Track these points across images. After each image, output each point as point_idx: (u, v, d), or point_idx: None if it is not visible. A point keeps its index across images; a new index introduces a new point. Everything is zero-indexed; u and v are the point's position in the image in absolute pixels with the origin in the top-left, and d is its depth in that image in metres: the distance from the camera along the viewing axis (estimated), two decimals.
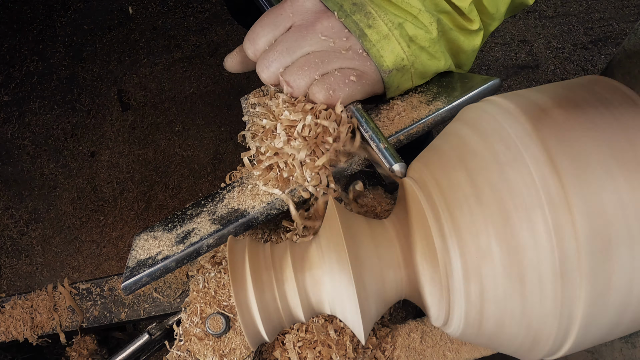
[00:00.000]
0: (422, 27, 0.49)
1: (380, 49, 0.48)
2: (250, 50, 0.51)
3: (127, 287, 0.52)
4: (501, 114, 0.40)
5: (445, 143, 0.44)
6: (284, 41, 0.48)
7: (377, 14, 0.48)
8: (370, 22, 0.48)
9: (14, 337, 0.63)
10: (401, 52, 0.48)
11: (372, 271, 0.41)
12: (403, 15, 0.49)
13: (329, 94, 0.46)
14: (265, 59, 0.49)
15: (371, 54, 0.48)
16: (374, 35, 0.48)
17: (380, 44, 0.48)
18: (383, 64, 0.48)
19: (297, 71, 0.47)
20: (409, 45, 0.49)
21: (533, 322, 0.37)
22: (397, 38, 0.48)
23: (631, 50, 0.59)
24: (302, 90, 0.47)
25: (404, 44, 0.48)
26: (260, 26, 0.51)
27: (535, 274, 0.35)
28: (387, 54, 0.48)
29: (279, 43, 0.49)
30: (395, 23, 0.48)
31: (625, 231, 0.34)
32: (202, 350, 0.51)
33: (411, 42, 0.49)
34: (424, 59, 0.51)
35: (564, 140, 0.36)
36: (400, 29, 0.48)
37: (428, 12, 0.49)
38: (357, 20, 0.48)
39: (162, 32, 1.82)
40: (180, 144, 1.56)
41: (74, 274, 1.40)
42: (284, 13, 0.50)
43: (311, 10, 0.49)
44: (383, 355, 0.54)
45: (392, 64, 0.49)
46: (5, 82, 1.74)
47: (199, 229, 0.53)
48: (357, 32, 0.48)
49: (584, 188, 0.34)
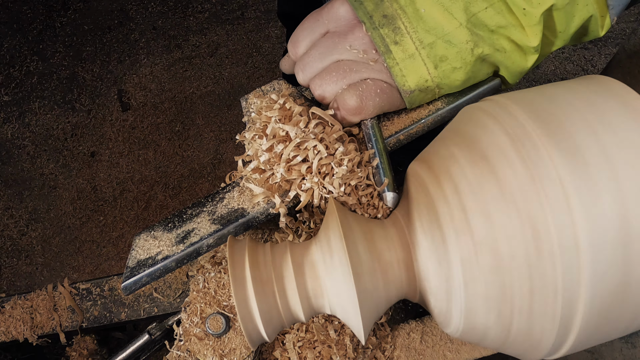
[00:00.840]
0: (456, 46, 0.45)
1: (403, 69, 0.46)
2: (291, 53, 0.52)
3: (127, 287, 0.52)
4: (500, 112, 0.40)
5: (444, 141, 0.44)
6: (318, 47, 0.49)
7: (406, 30, 0.46)
8: (398, 38, 0.46)
9: (14, 337, 0.63)
10: (426, 73, 0.46)
11: (372, 270, 0.41)
12: (436, 31, 0.45)
13: (360, 101, 0.47)
14: (301, 62, 0.50)
15: (393, 72, 0.46)
16: (399, 54, 0.46)
17: (404, 63, 0.46)
18: (404, 84, 0.47)
19: (326, 77, 0.48)
20: (436, 67, 0.46)
21: (535, 316, 0.36)
22: (424, 58, 0.46)
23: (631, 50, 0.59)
24: (330, 95, 0.48)
25: (430, 65, 0.46)
26: (300, 30, 0.52)
27: (534, 263, 0.35)
28: (410, 75, 0.46)
29: (313, 48, 0.49)
30: (425, 42, 0.45)
31: (622, 218, 0.34)
32: (202, 350, 0.51)
33: (441, 62, 0.46)
34: (454, 79, 0.48)
35: (562, 134, 0.36)
36: (429, 49, 0.45)
37: (468, 29, 0.45)
38: (384, 34, 0.46)
39: (162, 32, 1.82)
40: (180, 144, 1.56)
41: (74, 274, 1.40)
42: (320, 19, 0.50)
43: (344, 19, 0.49)
44: (383, 355, 0.54)
45: (414, 85, 0.47)
46: (5, 82, 1.74)
47: (199, 229, 0.53)
48: (382, 48, 0.46)
49: (583, 183, 0.35)
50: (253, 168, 0.49)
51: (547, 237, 0.34)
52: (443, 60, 0.46)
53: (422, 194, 0.42)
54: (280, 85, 0.55)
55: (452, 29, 0.45)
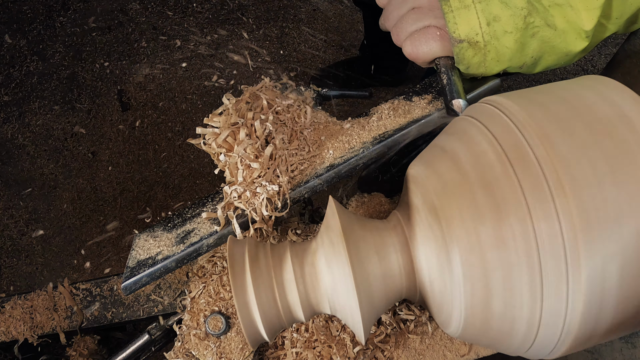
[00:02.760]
0: (511, 9, 0.47)
1: (456, 16, 0.48)
2: (379, 2, 0.58)
3: (127, 287, 0.52)
4: (497, 109, 0.40)
5: (442, 140, 0.44)
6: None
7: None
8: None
9: (14, 337, 0.62)
10: (477, 27, 0.48)
11: (372, 271, 0.41)
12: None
13: (411, 49, 0.53)
14: (386, 11, 0.57)
15: (446, 19, 0.49)
16: (456, 3, 0.48)
17: (458, 11, 0.48)
18: (455, 31, 0.49)
19: (400, 26, 0.54)
20: (488, 24, 0.48)
21: (535, 310, 0.36)
22: (478, 12, 0.48)
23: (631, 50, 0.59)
24: (402, 41, 0.54)
25: (483, 20, 0.48)
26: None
27: (534, 258, 0.35)
28: (462, 24, 0.48)
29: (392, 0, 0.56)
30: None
31: (616, 212, 0.34)
32: (202, 350, 0.51)
33: (494, 21, 0.48)
34: (503, 43, 0.49)
35: (558, 131, 0.37)
36: (485, 4, 0.48)
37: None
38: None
39: (162, 32, 1.82)
40: (180, 144, 1.56)
41: (74, 274, 1.40)
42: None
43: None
44: (383, 355, 0.54)
45: (464, 34, 0.49)
46: (5, 82, 1.74)
47: (199, 229, 0.53)
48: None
49: (579, 178, 0.35)
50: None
51: (546, 239, 0.34)
52: (496, 20, 0.48)
53: (423, 196, 0.42)
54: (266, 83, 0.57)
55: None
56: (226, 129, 0.51)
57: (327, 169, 0.52)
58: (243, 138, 0.50)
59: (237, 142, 0.50)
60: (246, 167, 0.50)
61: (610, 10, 0.48)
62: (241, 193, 0.50)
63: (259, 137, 0.51)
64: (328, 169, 0.52)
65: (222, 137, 0.51)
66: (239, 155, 0.50)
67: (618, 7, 0.48)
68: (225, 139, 0.51)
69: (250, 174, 0.50)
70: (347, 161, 0.52)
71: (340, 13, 1.82)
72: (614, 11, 0.48)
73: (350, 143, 0.54)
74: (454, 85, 0.50)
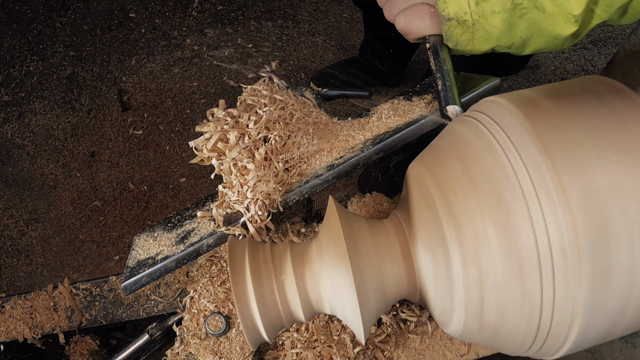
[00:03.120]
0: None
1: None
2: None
3: (127, 287, 0.52)
4: (495, 108, 0.40)
5: (442, 140, 0.44)
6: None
7: None
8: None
9: (14, 337, 0.62)
10: (466, 6, 0.49)
11: (372, 271, 0.41)
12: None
13: (404, 24, 0.54)
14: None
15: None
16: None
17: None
18: (445, 9, 0.50)
19: (392, 2, 0.55)
20: (477, 4, 0.49)
21: (535, 307, 0.36)
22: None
23: (631, 50, 0.59)
24: (394, 16, 0.56)
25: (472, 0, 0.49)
26: None
27: (533, 254, 0.35)
28: (451, 2, 0.49)
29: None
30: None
31: (621, 210, 0.34)
32: (202, 350, 0.51)
33: (482, 1, 0.49)
34: (491, 23, 0.50)
35: (555, 127, 0.37)
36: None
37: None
38: None
39: (162, 32, 1.82)
40: (180, 143, 1.56)
41: (74, 274, 1.40)
42: None
43: None
44: (383, 355, 0.54)
45: (453, 12, 0.49)
46: (5, 82, 1.74)
47: (199, 229, 0.53)
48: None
49: (576, 169, 0.35)
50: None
51: (542, 217, 0.34)
52: (485, 0, 0.49)
53: (422, 195, 0.42)
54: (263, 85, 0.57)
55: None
56: (216, 133, 0.51)
57: (327, 169, 0.52)
58: (234, 141, 0.50)
59: (229, 147, 0.50)
60: (242, 168, 0.50)
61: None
62: (236, 193, 0.50)
63: (252, 137, 0.51)
64: (328, 169, 0.52)
65: (211, 142, 0.51)
66: (232, 158, 0.49)
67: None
68: (216, 145, 0.51)
69: (245, 174, 0.50)
70: (347, 161, 0.52)
71: (340, 13, 1.82)
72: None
73: (350, 143, 0.53)
74: (449, 90, 0.51)
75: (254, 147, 0.50)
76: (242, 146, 0.50)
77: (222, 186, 0.52)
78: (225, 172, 0.51)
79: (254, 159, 0.50)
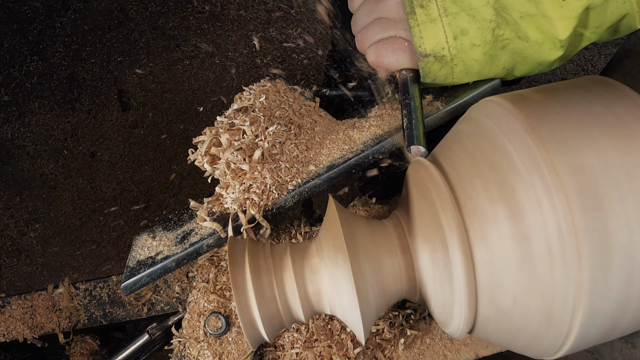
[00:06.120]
0: (479, 22, 0.46)
1: (422, 30, 0.48)
2: (350, 6, 0.58)
3: (127, 287, 0.52)
4: (493, 106, 0.41)
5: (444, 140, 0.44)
6: (365, 5, 0.54)
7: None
8: (424, 2, 0.47)
9: (14, 337, 0.62)
10: (444, 41, 0.48)
11: (372, 271, 0.41)
12: (463, 4, 0.46)
13: (376, 57, 0.52)
14: (354, 17, 0.56)
15: (412, 32, 0.48)
16: (422, 16, 0.47)
17: (424, 25, 0.47)
18: (421, 45, 0.48)
19: (365, 33, 0.53)
20: (455, 38, 0.47)
21: (546, 291, 0.36)
22: (445, 26, 0.47)
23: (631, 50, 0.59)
24: (365, 48, 0.54)
25: (450, 34, 0.47)
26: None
27: (542, 234, 0.35)
28: (428, 38, 0.48)
29: (362, 5, 0.54)
30: (449, 11, 0.47)
31: (614, 188, 0.34)
32: (202, 350, 0.51)
33: (461, 34, 0.47)
34: (471, 56, 0.48)
35: (544, 113, 0.37)
36: (452, 18, 0.47)
37: (495, 9, 0.46)
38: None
39: (162, 32, 1.82)
40: (180, 143, 1.56)
41: (74, 274, 1.40)
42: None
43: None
44: (383, 355, 0.54)
45: (430, 49, 0.48)
46: (5, 82, 1.74)
47: (199, 229, 0.53)
48: (407, 9, 0.48)
49: (566, 149, 0.35)
50: None
51: (547, 241, 0.34)
52: (464, 33, 0.47)
53: (423, 196, 0.42)
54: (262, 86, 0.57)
55: (478, 5, 0.46)
56: (208, 138, 0.51)
57: (327, 168, 0.52)
58: (226, 144, 0.50)
59: (222, 150, 0.50)
60: (237, 169, 0.50)
61: (587, 20, 0.46)
62: (231, 194, 0.50)
63: (248, 138, 0.50)
64: (328, 169, 0.52)
65: (204, 147, 0.51)
66: (226, 160, 0.49)
67: (597, 16, 0.46)
68: (209, 150, 0.51)
69: (241, 175, 0.50)
70: (347, 161, 0.52)
71: None
72: (592, 21, 0.46)
73: (350, 143, 0.53)
74: (415, 129, 0.48)
75: (249, 148, 0.50)
76: (236, 147, 0.50)
77: (219, 187, 0.52)
78: (220, 174, 0.51)
79: (251, 160, 0.49)
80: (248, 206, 0.49)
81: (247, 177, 0.49)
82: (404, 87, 0.51)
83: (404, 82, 0.51)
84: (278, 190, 0.50)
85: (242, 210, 0.50)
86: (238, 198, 0.50)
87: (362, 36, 0.53)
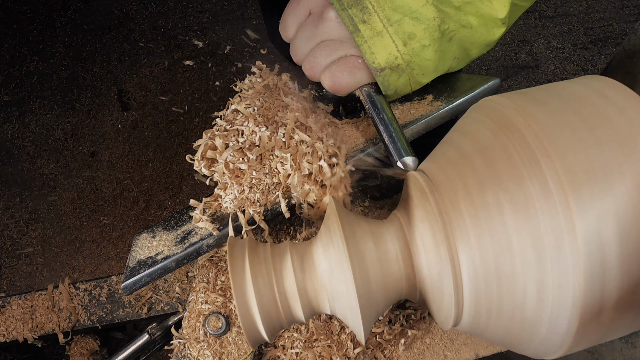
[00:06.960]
0: (424, 22, 0.47)
1: (372, 46, 0.47)
2: (284, 36, 0.55)
3: (127, 287, 0.52)
4: (493, 106, 0.41)
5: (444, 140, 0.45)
6: (303, 30, 0.51)
7: (373, 9, 0.47)
8: (366, 17, 0.47)
9: (14, 337, 0.62)
10: (395, 50, 0.47)
11: (372, 271, 0.41)
12: (403, 9, 0.46)
13: (332, 82, 0.50)
14: (293, 46, 0.53)
15: (362, 50, 0.47)
16: (367, 32, 0.47)
17: (372, 40, 0.47)
18: (374, 61, 0.47)
19: (312, 59, 0.51)
20: (405, 44, 0.47)
21: (543, 289, 0.35)
22: (392, 35, 0.47)
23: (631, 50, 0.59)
24: (318, 75, 0.51)
25: (399, 42, 0.47)
26: (286, 14, 0.54)
27: (541, 233, 0.35)
28: (379, 52, 0.47)
29: (299, 31, 0.52)
30: (392, 20, 0.46)
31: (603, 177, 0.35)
32: (202, 350, 0.51)
33: (409, 39, 0.47)
34: (424, 57, 0.48)
35: (544, 113, 0.37)
36: (397, 26, 0.46)
37: (435, 6, 0.46)
38: (353, 14, 0.47)
39: (162, 32, 1.82)
40: (180, 143, 1.56)
41: (74, 274, 1.40)
42: (301, 2, 0.52)
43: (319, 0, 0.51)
44: (383, 355, 0.54)
45: (384, 62, 0.47)
46: (5, 82, 1.74)
47: (199, 229, 0.53)
48: (350, 28, 0.47)
49: (566, 148, 0.35)
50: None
51: (546, 240, 0.35)
52: (412, 37, 0.47)
53: (423, 196, 0.42)
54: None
55: (418, 6, 0.46)
56: (204, 141, 0.51)
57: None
58: (221, 145, 0.50)
59: (218, 152, 0.50)
60: (236, 169, 0.50)
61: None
62: (230, 195, 0.50)
63: (246, 137, 0.50)
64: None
65: (200, 151, 0.50)
66: (225, 160, 0.49)
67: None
68: (205, 154, 0.51)
69: (239, 175, 0.50)
70: (347, 161, 0.52)
71: None
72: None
73: (349, 143, 0.53)
74: (398, 141, 0.47)
75: (246, 147, 0.50)
76: (234, 147, 0.49)
77: (218, 188, 0.52)
78: (219, 175, 0.51)
79: (248, 160, 0.49)
80: (247, 206, 0.49)
81: (246, 177, 0.49)
82: (372, 102, 0.50)
83: (369, 97, 0.50)
84: (281, 190, 0.50)
85: (242, 210, 0.50)
86: (237, 198, 0.50)
87: (309, 64, 0.51)
